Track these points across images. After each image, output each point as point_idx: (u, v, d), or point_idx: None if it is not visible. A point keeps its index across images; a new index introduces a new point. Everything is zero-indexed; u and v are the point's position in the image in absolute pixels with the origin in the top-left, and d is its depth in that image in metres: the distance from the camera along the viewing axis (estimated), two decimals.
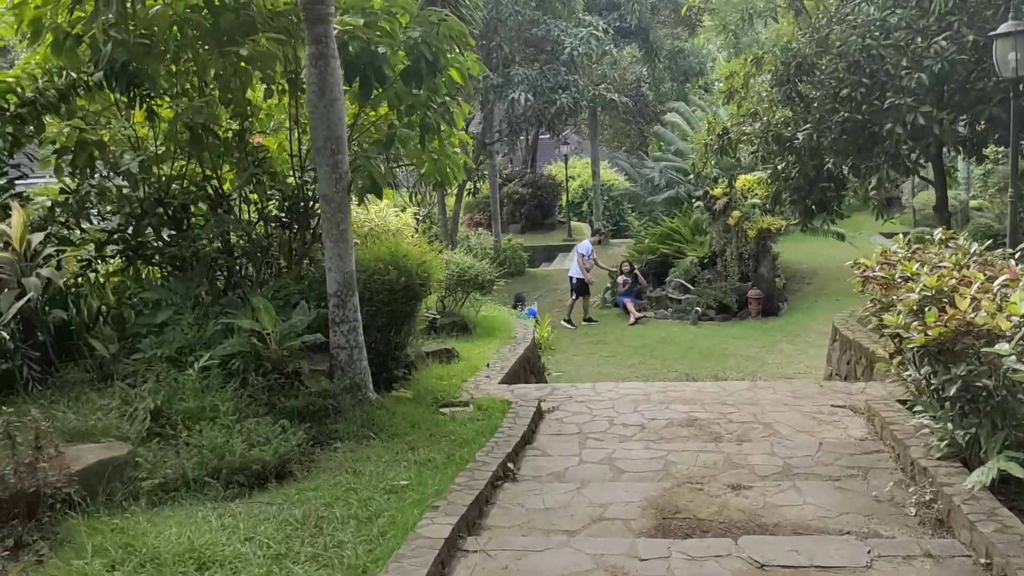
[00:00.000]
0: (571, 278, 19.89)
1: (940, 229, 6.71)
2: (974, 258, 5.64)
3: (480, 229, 26.63)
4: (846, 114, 9.29)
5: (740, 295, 19.08)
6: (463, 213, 29.90)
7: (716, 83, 11.52)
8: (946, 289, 4.95)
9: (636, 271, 20.57)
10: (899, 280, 5.65)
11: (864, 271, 6.41)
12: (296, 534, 4.64)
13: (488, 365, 9.42)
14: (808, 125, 10.04)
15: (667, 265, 20.78)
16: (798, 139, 10.62)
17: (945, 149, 10.82)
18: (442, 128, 8.13)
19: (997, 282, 4.69)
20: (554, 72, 18.98)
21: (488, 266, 11.85)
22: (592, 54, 19.39)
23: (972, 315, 4.31)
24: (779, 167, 11.68)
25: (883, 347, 7.38)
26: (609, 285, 21.00)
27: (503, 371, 9.13)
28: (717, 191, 19.26)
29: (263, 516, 4.87)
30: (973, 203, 24.26)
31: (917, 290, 5.14)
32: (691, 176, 12.13)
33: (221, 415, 5.89)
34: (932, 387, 5.14)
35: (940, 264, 5.61)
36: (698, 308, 18.90)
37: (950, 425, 4.87)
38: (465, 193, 21.80)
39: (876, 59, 9.11)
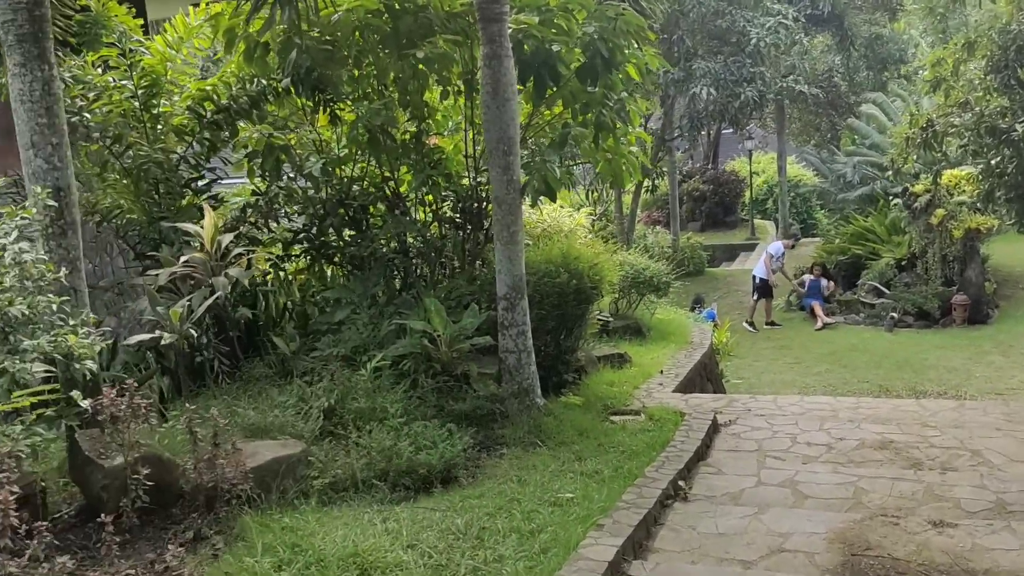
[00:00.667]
0: (754, 277, 19.04)
1: None
2: None
3: (658, 227, 26.05)
4: None
5: (943, 300, 17.54)
6: (640, 211, 29.43)
7: (920, 72, 10.53)
8: None
9: (827, 272, 19.39)
10: None
11: None
12: (457, 544, 4.56)
13: (662, 371, 9.07)
14: None
15: (859, 267, 19.45)
16: (1016, 131, 9.51)
17: None
18: (617, 126, 7.87)
19: None
20: (738, 64, 18.16)
21: (664, 267, 11.44)
22: (780, 44, 18.38)
23: None
24: (993, 162, 10.54)
25: None
26: (793, 288, 19.94)
27: (677, 378, 8.77)
28: (918, 188, 17.78)
29: (426, 523, 4.82)
30: None
31: None
32: (888, 172, 11.15)
33: (390, 416, 5.93)
34: None
35: None
36: (894, 314, 17.55)
37: None
38: (643, 190, 21.32)
39: None
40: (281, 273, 8.64)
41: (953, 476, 5.46)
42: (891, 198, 20.06)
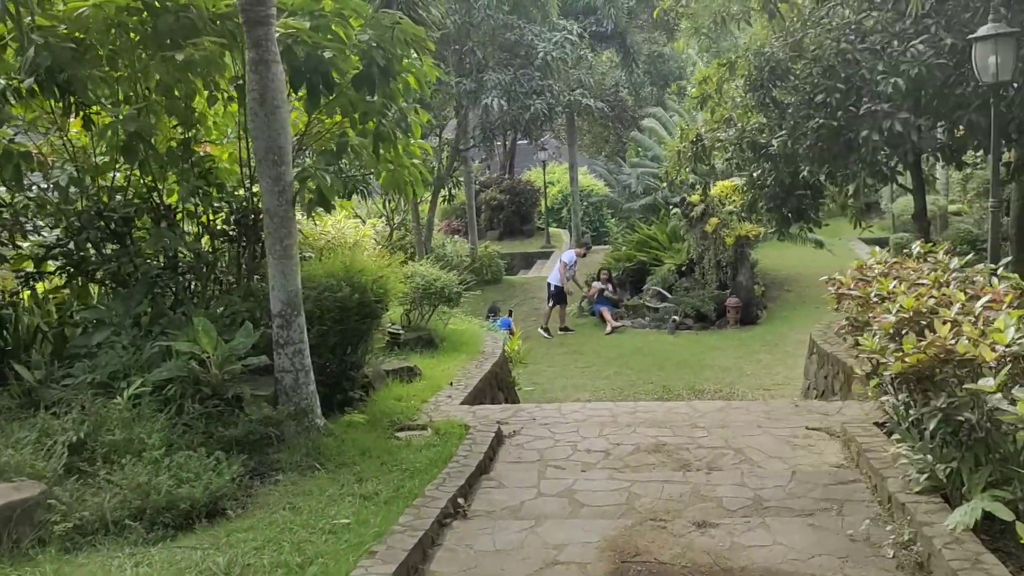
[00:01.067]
0: (549, 284, 19.47)
1: (919, 242, 6.38)
2: (955, 274, 5.30)
3: (456, 236, 26.23)
4: (821, 120, 8.96)
5: (718, 303, 18.78)
6: (439, 220, 29.51)
7: (690, 88, 11.17)
8: (924, 310, 4.60)
9: (613, 279, 20.22)
10: (875, 299, 5.30)
11: (839, 288, 6.06)
12: None
13: (452, 383, 9.02)
14: (783, 132, 9.71)
15: (645, 273, 20.46)
16: (773, 146, 10.29)
17: (924, 156, 10.51)
18: (398, 137, 7.75)
19: (979, 304, 4.34)
20: (528, 77, 18.61)
21: (456, 277, 11.42)
22: (567, 59, 19.04)
23: (952, 342, 3.96)
24: (754, 174, 11.35)
25: (859, 366, 7.04)
26: (584, 295, 20.66)
27: (467, 389, 8.74)
28: (694, 198, 18.96)
29: (184, 564, 4.44)
30: (952, 208, 24.13)
31: (894, 311, 4.79)
32: (662, 185, 11.82)
33: (149, 448, 5.45)
34: (910, 416, 4.80)
35: (919, 281, 5.27)
36: (675, 317, 18.59)
37: (930, 457, 4.52)
38: (440, 200, 21.39)
39: (851, 63, 8.80)
40: (33, 291, 7.81)
41: (717, 476, 5.74)
42: (671, 207, 21.26)
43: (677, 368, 15.92)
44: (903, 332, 4.61)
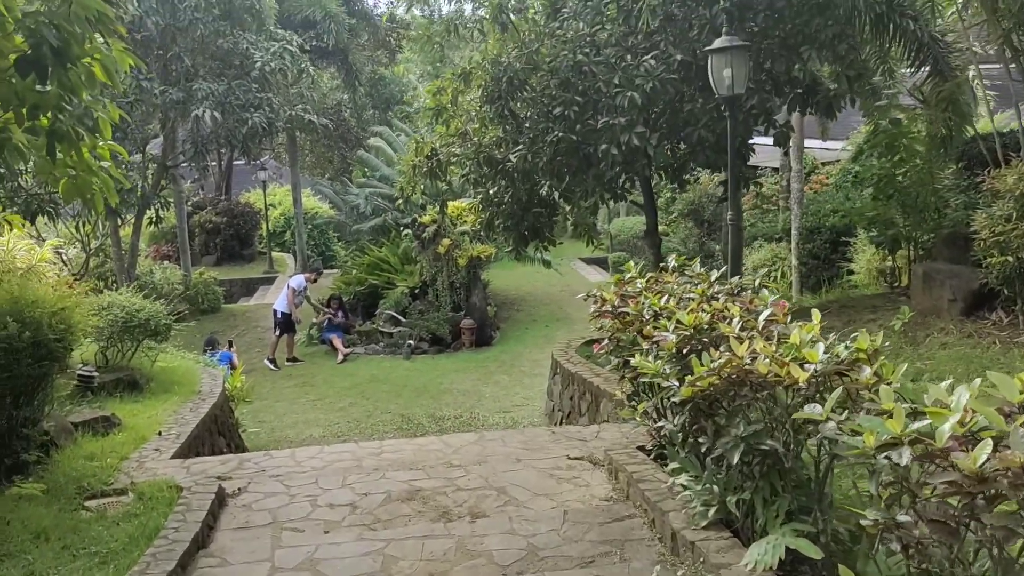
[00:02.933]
0: (275, 312, 17.98)
1: (673, 255, 6.15)
2: (717, 287, 5.03)
3: (167, 263, 23.75)
4: (560, 134, 8.72)
5: (453, 326, 18.41)
6: (147, 245, 26.72)
7: (422, 101, 10.56)
8: (704, 326, 4.23)
9: (344, 304, 19.18)
10: (646, 316, 4.89)
11: (602, 305, 5.63)
12: None
13: (160, 433, 7.61)
14: (521, 146, 9.38)
15: (377, 296, 19.63)
16: (511, 161, 9.95)
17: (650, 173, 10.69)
18: (83, 137, 6.32)
19: (760, 318, 4.03)
20: (244, 89, 17.13)
21: (163, 307, 9.90)
22: (287, 71, 17.81)
23: (749, 362, 3.56)
24: (491, 191, 10.97)
25: (618, 387, 6.72)
26: (315, 321, 19.42)
27: (179, 439, 7.40)
28: (426, 218, 18.49)
29: None
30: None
31: (671, 328, 4.39)
32: (399, 201, 11.12)
33: None
34: (692, 442, 4.41)
35: (686, 296, 4.94)
36: (411, 341, 17.93)
37: (716, 488, 4.13)
38: (146, 222, 19.11)
39: (588, 76, 8.65)
40: None
41: (483, 524, 5.04)
42: (402, 228, 20.65)
43: (416, 395, 15.24)
44: (684, 351, 4.20)
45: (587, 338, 12.27)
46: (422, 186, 11.16)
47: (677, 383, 4.11)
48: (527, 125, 9.69)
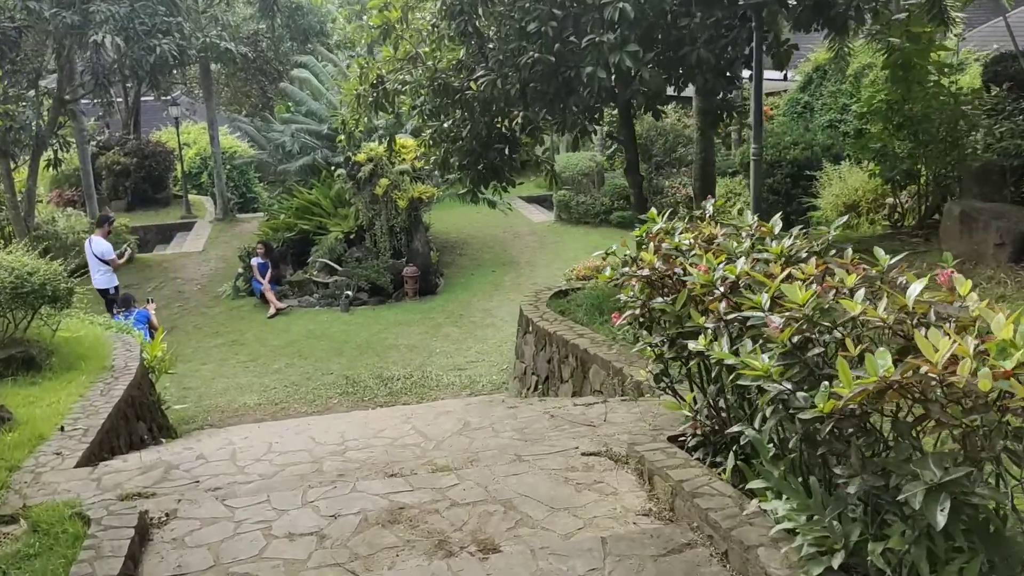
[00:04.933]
0: (106, 291, 13.58)
1: (709, 201, 4.93)
2: (795, 244, 3.84)
3: (71, 209, 21.57)
4: (535, 55, 7.36)
5: (394, 273, 17.02)
6: (47, 190, 24.36)
7: (347, 31, 8.98)
8: (825, 306, 3.05)
9: (273, 251, 17.55)
10: (719, 287, 3.68)
11: (636, 267, 4.40)
12: None
13: (63, 428, 6.17)
14: (487, 71, 7.99)
15: (308, 243, 18.02)
16: (472, 89, 8.56)
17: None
18: None
19: (913, 293, 2.86)
20: (150, 12, 15.11)
21: (61, 267, 8.30)
22: None
23: (945, 371, 2.38)
24: (446, 124, 9.57)
25: (643, 365, 5.59)
26: (241, 271, 17.76)
27: (88, 435, 5.99)
28: (361, 156, 16.87)
29: None
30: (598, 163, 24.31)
31: (765, 303, 3.20)
32: (342, 138, 9.57)
33: None
34: (794, 460, 3.27)
35: (761, 257, 3.74)
36: (348, 292, 16.50)
37: (836, 524, 3.01)
38: (44, 164, 17.01)
39: None
40: None
41: (498, 562, 3.80)
42: (334, 168, 18.99)
43: (359, 352, 13.92)
44: (795, 341, 3.03)
45: (555, 288, 11.10)
46: (366, 119, 9.66)
47: (788, 386, 2.94)
48: (492, 46, 8.29)
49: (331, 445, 5.69)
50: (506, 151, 9.93)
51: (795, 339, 3.03)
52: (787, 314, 3.06)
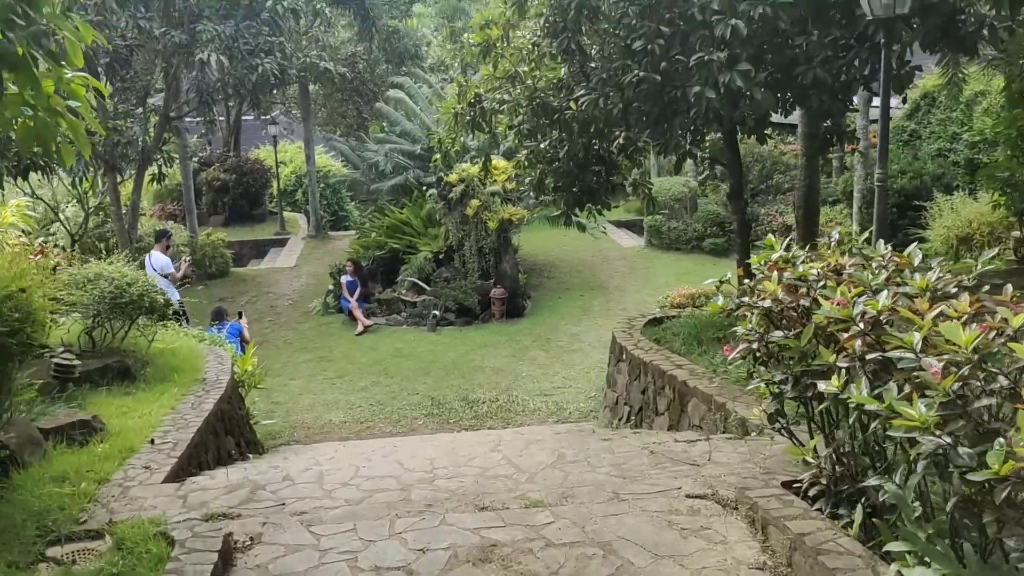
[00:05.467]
0: (179, 304, 12.88)
1: (838, 229, 4.54)
2: (940, 277, 3.45)
3: (173, 222, 22.25)
4: (640, 73, 7.09)
5: (482, 294, 16.87)
6: (150, 203, 25.19)
7: (468, 35, 8.86)
8: (992, 349, 2.67)
9: (362, 269, 17.64)
10: (860, 321, 3.31)
11: (758, 297, 4.06)
12: None
13: (153, 441, 6.14)
14: (589, 90, 7.75)
15: (398, 262, 18.08)
16: (571, 109, 8.32)
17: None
18: (42, 65, 4.76)
19: None
20: (254, 32, 15.45)
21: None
22: (300, 11, 16.08)
23: None
24: (542, 146, 9.37)
25: (756, 404, 5.21)
26: (331, 288, 17.90)
27: (176, 449, 5.93)
28: (453, 177, 16.86)
29: None
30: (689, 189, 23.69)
31: (916, 344, 2.84)
32: (438, 157, 9.46)
33: None
34: (943, 521, 2.88)
35: (902, 291, 3.36)
36: (436, 312, 16.41)
37: None
38: (148, 179, 17.54)
39: (678, 1, 6.99)
40: None
41: None
42: (425, 188, 19.07)
43: (445, 373, 13.78)
44: (956, 390, 2.65)
45: (649, 315, 10.74)
46: (463, 137, 9.54)
47: (947, 440, 2.56)
48: (592, 65, 8.06)
49: (420, 472, 5.47)
50: (603, 173, 9.66)
51: (956, 387, 2.66)
52: (946, 357, 2.69)
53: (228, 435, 7.65)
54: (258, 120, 30.64)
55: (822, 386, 3.38)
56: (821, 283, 3.83)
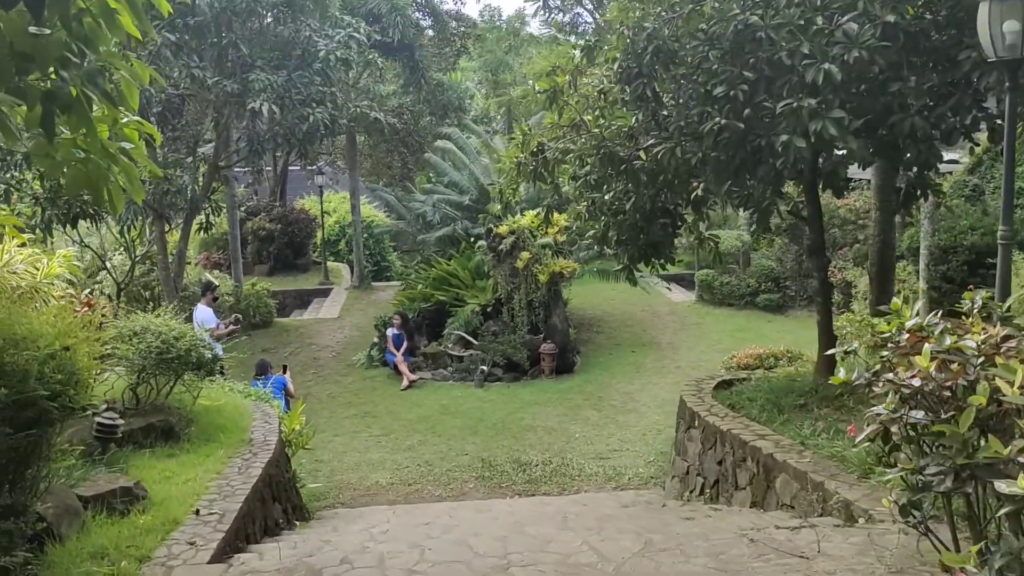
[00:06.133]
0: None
1: (981, 293, 3.99)
2: None
3: (218, 271, 22.12)
4: (722, 120, 6.63)
5: (531, 349, 16.34)
6: (196, 252, 25.16)
7: (532, 81, 8.48)
8: None
9: (409, 322, 17.23)
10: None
11: (909, 372, 3.50)
12: None
13: (198, 512, 5.67)
14: (661, 138, 7.30)
15: (445, 315, 17.66)
16: (640, 159, 7.88)
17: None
18: (98, 107, 4.43)
19: None
20: (306, 81, 15.34)
21: (207, 333, 8.01)
22: (351, 62, 15.96)
23: None
24: (607, 196, 8.92)
25: (843, 479, 4.62)
26: (376, 340, 17.50)
27: (223, 522, 5.45)
28: (503, 228, 16.49)
29: None
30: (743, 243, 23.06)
31: None
32: (498, 207, 9.03)
33: None
34: None
35: None
36: (484, 367, 15.90)
37: None
38: (196, 228, 17.40)
39: (763, 44, 6.54)
40: None
41: None
42: (472, 239, 18.71)
43: (494, 432, 13.22)
44: None
45: (717, 377, 10.14)
46: (523, 189, 9.14)
47: None
48: (666, 113, 7.62)
49: (492, 558, 4.91)
50: (670, 226, 9.19)
51: None
52: None
53: (275, 501, 7.16)
54: (304, 170, 30.76)
55: (1003, 486, 2.81)
56: (981, 359, 3.27)
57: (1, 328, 4.19)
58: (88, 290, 11.00)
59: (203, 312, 13.10)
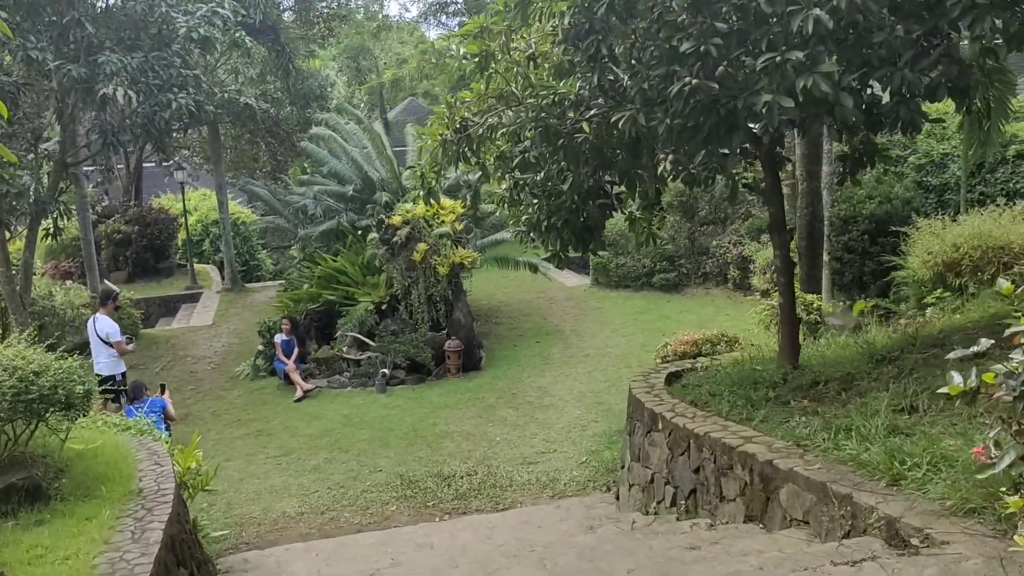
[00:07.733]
0: (111, 378, 11.08)
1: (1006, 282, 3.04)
2: None
3: (70, 281, 19.74)
4: (692, 81, 5.74)
5: (435, 348, 15.20)
6: (43, 261, 22.59)
7: (456, 45, 7.31)
8: None
9: (299, 326, 15.73)
10: None
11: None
12: None
13: None
14: (622, 104, 6.34)
15: (335, 316, 16.26)
16: (582, 131, 6.91)
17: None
18: None
19: None
20: (165, 63, 13.55)
21: (75, 364, 6.47)
22: (216, 40, 14.22)
23: None
24: (539, 177, 7.93)
25: (870, 489, 3.84)
26: (261, 348, 15.90)
27: None
28: (396, 219, 15.24)
29: None
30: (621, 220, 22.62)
31: None
32: (421, 194, 7.73)
33: None
34: None
35: None
36: (385, 370, 14.64)
37: None
38: (42, 234, 15.25)
39: None
40: None
41: None
42: (359, 232, 17.34)
43: (407, 442, 12.03)
44: None
45: (661, 369, 9.31)
46: (446, 169, 8.02)
47: None
48: (621, 76, 6.65)
49: None
50: (607, 208, 8.29)
51: None
52: None
53: (180, 566, 5.80)
54: (160, 167, 28.24)
55: None
56: None
57: None
58: None
59: (106, 323, 11.66)
